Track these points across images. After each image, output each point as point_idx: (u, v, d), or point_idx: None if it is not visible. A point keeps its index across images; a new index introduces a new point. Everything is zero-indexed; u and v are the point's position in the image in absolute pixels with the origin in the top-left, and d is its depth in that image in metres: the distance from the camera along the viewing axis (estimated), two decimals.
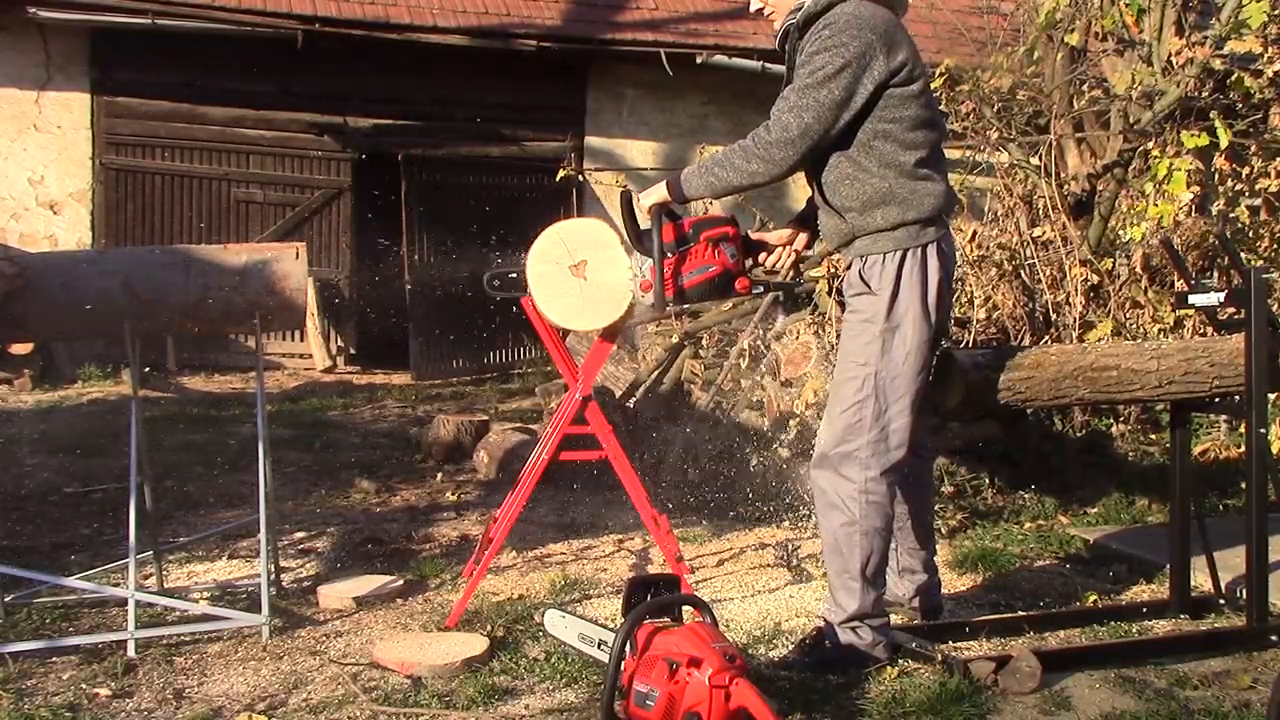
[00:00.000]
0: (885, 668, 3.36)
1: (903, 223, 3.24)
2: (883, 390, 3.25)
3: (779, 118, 3.20)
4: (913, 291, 3.24)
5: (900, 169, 3.25)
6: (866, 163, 3.25)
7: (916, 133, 3.26)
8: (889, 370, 3.25)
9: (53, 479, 5.83)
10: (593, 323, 3.78)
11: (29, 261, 3.75)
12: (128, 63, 10.07)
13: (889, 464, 3.28)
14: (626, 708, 2.81)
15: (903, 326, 3.25)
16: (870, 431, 3.25)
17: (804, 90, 3.18)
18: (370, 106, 10.69)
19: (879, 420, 3.25)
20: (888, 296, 3.24)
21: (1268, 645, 3.63)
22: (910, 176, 3.25)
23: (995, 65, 6.56)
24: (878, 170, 3.25)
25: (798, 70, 3.24)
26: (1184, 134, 5.76)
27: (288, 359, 10.41)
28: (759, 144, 3.21)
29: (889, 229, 3.25)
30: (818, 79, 3.16)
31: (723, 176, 3.28)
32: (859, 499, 3.25)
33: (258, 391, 3.89)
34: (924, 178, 3.27)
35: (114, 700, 3.17)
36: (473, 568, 4.12)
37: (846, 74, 3.15)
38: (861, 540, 3.26)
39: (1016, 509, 5.31)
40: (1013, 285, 6.18)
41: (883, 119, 3.23)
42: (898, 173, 3.25)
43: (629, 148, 11.23)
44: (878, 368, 3.25)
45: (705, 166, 3.34)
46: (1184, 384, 3.73)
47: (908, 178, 3.25)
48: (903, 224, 3.24)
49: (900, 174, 3.25)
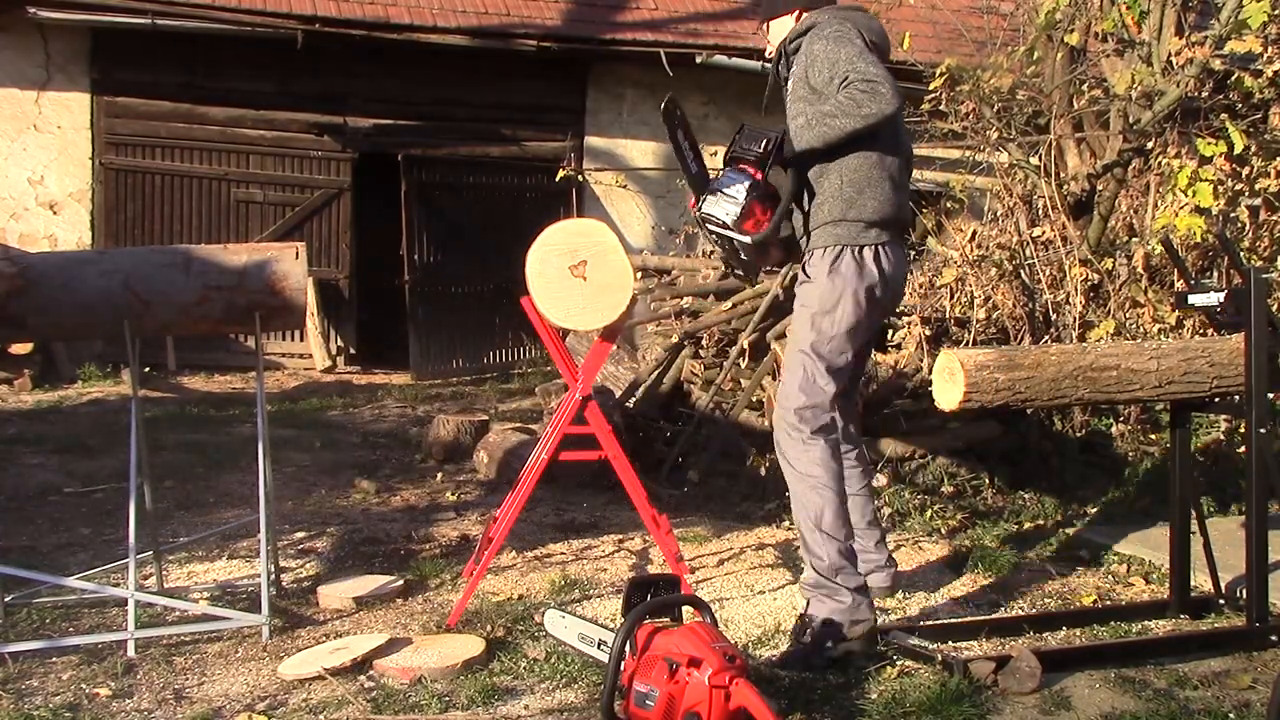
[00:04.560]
0: (885, 668, 3.36)
1: (844, 219, 3.53)
2: (814, 365, 3.59)
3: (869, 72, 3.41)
4: (847, 285, 3.54)
5: (856, 171, 3.52)
6: (831, 164, 3.55)
7: (876, 142, 3.52)
8: (818, 349, 3.59)
9: (53, 479, 5.83)
10: (593, 323, 3.78)
11: (29, 261, 3.75)
12: (128, 63, 10.06)
13: (819, 425, 3.60)
14: (626, 708, 2.81)
15: (833, 313, 3.57)
16: (803, 398, 3.59)
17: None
18: (370, 106, 10.68)
19: (811, 391, 3.59)
20: (822, 285, 3.57)
21: (1268, 645, 3.63)
22: (864, 180, 3.53)
23: (995, 65, 6.56)
24: (837, 171, 3.54)
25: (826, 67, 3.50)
26: (1200, 142, 5.76)
27: (288, 359, 10.41)
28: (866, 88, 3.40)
29: (830, 224, 3.55)
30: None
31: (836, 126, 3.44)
32: (801, 457, 3.58)
33: (258, 391, 3.89)
34: (875, 183, 3.54)
35: (114, 700, 3.17)
36: (473, 568, 4.12)
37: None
38: (811, 495, 3.55)
39: (1016, 509, 5.31)
40: (1013, 285, 6.18)
41: None
42: (853, 175, 3.53)
43: (629, 148, 11.22)
44: (809, 347, 3.60)
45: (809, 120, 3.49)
46: (1184, 384, 3.73)
47: (861, 181, 3.53)
48: (844, 220, 3.53)
49: (855, 176, 3.52)
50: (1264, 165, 6.07)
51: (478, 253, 10.35)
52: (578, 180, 10.43)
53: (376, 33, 10.19)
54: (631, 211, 11.27)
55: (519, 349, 10.61)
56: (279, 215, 10.61)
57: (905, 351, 5.96)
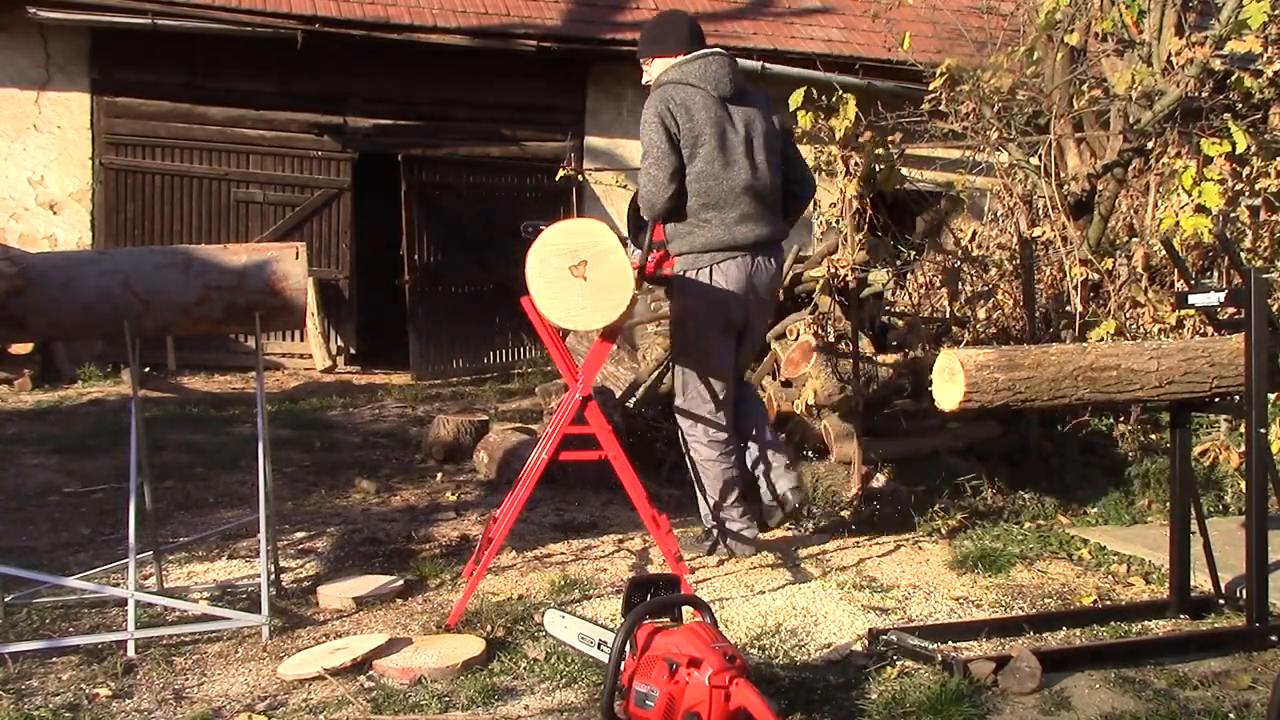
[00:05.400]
0: (885, 668, 3.37)
1: (679, 252, 4.36)
2: (683, 366, 4.46)
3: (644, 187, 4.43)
4: (693, 300, 4.36)
5: (689, 211, 4.33)
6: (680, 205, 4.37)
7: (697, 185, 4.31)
8: (682, 351, 4.49)
9: (53, 479, 5.82)
10: (593, 323, 3.78)
11: (29, 261, 3.75)
12: (128, 63, 10.06)
13: (703, 414, 4.42)
14: (626, 708, 2.81)
15: (686, 323, 4.43)
16: (684, 395, 4.45)
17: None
18: (370, 106, 10.68)
19: (685, 389, 4.44)
20: (677, 302, 4.44)
21: (1268, 645, 3.63)
22: (692, 218, 4.33)
23: (995, 65, 6.56)
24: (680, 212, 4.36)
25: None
26: (1205, 141, 5.76)
27: (288, 359, 10.41)
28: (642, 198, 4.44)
29: (678, 255, 4.37)
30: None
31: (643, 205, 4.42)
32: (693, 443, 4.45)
33: (258, 391, 3.89)
34: (703, 222, 4.33)
35: (114, 700, 3.17)
36: (473, 568, 4.12)
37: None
38: (706, 467, 4.43)
39: (1016, 509, 5.31)
40: (1013, 285, 6.18)
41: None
42: (685, 214, 4.34)
43: (629, 148, 11.20)
44: (679, 350, 4.53)
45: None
46: (1184, 384, 3.73)
47: (690, 219, 4.34)
48: (680, 254, 4.36)
49: (687, 216, 4.34)
50: (1264, 165, 6.07)
51: (478, 253, 10.34)
52: (578, 180, 10.42)
53: (376, 33, 10.19)
54: None
55: (519, 349, 10.60)
56: (279, 215, 10.61)
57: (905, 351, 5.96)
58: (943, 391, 3.53)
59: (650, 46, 4.59)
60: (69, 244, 10.02)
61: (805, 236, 10.61)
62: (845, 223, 5.44)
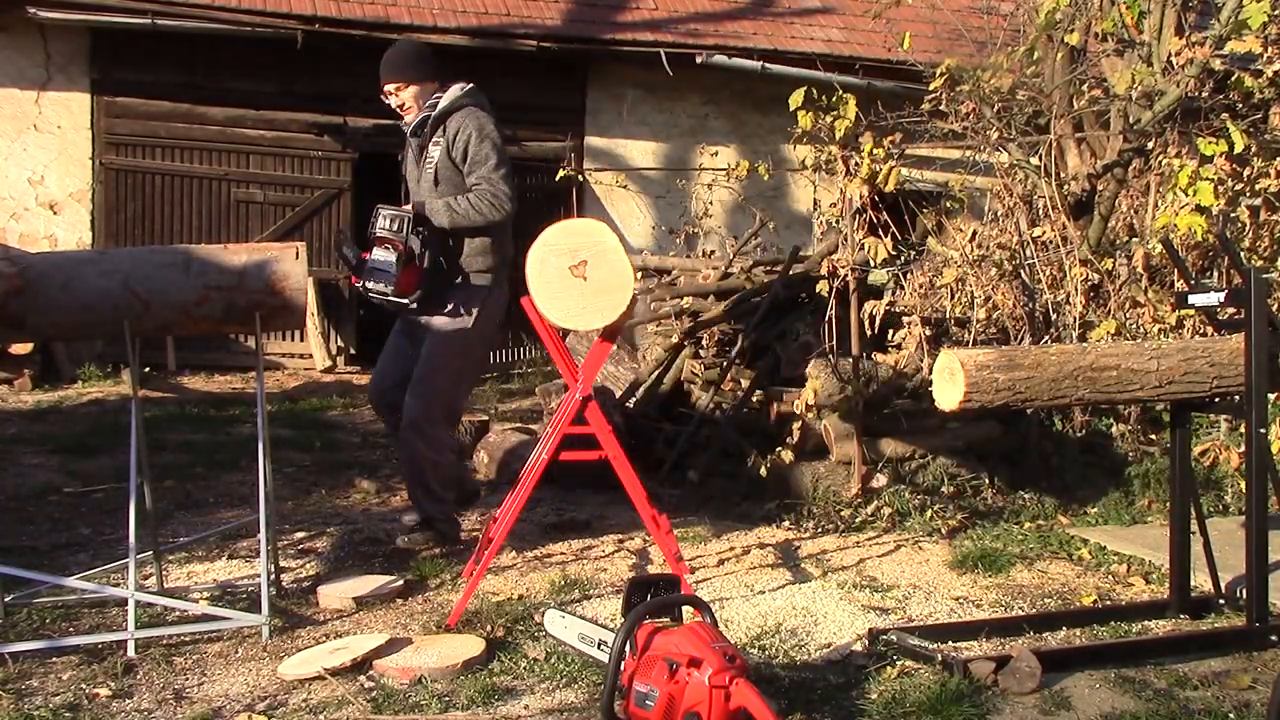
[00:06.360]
0: (885, 668, 3.37)
1: (486, 268, 4.54)
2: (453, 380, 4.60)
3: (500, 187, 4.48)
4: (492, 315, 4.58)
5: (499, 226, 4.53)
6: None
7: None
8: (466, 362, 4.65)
9: (53, 479, 5.82)
10: (593, 323, 3.78)
11: (29, 261, 3.75)
12: (128, 63, 10.06)
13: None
14: (626, 708, 2.81)
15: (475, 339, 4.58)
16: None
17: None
18: (370, 106, 10.55)
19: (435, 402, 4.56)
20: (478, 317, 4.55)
21: (1268, 645, 3.63)
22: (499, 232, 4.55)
23: (995, 65, 6.55)
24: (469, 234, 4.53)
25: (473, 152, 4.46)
26: (1201, 141, 5.75)
27: (288, 359, 10.41)
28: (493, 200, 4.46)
29: (483, 270, 4.55)
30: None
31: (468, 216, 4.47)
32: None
33: (258, 391, 3.89)
34: (504, 238, 4.55)
35: (114, 700, 3.17)
36: (473, 568, 4.12)
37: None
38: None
39: (1016, 509, 5.31)
40: (1013, 285, 6.17)
41: None
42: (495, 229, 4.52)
43: (629, 148, 11.22)
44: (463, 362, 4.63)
45: (449, 206, 4.47)
46: (1184, 384, 3.73)
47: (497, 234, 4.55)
48: (486, 270, 4.54)
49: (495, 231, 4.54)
50: (1264, 165, 6.07)
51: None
52: (578, 180, 10.42)
53: (376, 33, 10.17)
54: (631, 211, 11.27)
55: (519, 349, 10.60)
56: (279, 215, 10.60)
57: (905, 351, 5.95)
58: (943, 391, 3.53)
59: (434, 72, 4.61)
60: (69, 244, 10.02)
61: (805, 237, 10.63)
62: (845, 222, 5.44)
